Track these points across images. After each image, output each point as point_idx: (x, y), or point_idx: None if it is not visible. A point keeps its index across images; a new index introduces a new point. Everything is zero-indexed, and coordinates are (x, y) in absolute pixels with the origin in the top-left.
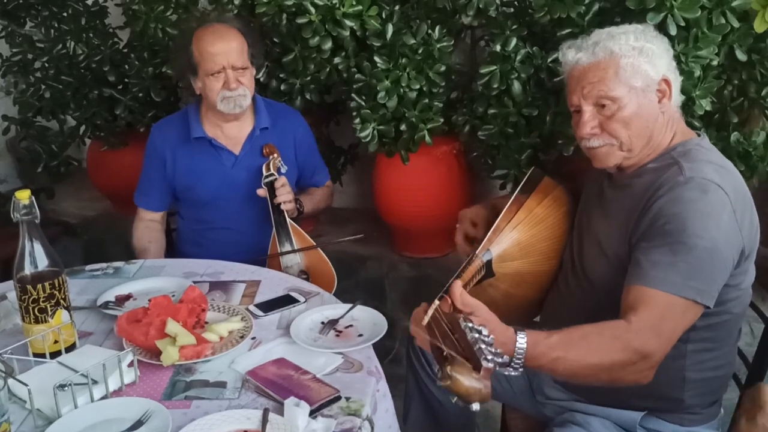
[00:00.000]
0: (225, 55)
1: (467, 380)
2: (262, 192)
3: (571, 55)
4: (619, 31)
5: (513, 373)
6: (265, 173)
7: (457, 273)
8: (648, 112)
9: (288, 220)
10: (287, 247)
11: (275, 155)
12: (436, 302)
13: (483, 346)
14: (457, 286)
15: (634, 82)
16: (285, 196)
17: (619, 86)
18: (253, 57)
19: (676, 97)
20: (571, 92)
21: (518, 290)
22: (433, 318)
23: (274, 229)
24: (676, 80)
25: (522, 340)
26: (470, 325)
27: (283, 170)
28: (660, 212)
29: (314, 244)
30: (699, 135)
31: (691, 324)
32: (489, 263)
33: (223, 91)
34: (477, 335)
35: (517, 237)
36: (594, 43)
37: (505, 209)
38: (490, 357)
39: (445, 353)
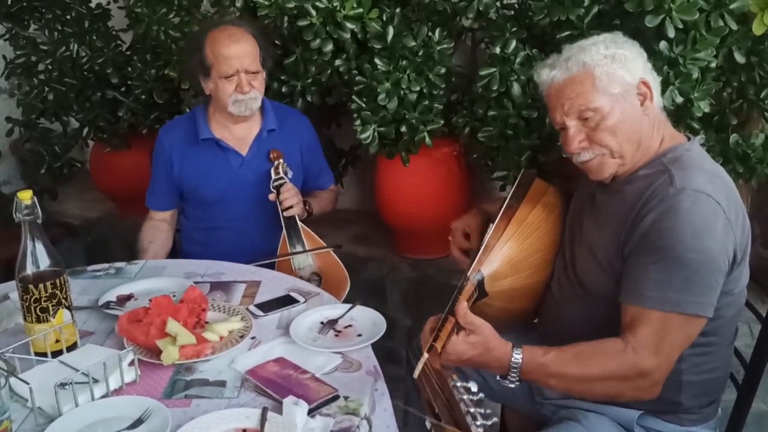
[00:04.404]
0: (239, 59)
1: None
2: (273, 196)
3: (546, 74)
4: (588, 42)
5: (510, 385)
6: (273, 176)
7: (449, 305)
8: (632, 117)
9: (299, 223)
10: (299, 250)
11: (282, 160)
12: (426, 355)
13: (472, 409)
14: (462, 306)
15: (612, 89)
16: (291, 200)
17: (599, 96)
18: (265, 61)
19: (658, 99)
20: (553, 110)
21: (513, 304)
22: (423, 372)
23: (284, 231)
24: (655, 81)
25: (517, 357)
26: (458, 384)
27: (289, 175)
28: (652, 227)
29: (324, 245)
30: (689, 139)
31: (695, 336)
32: (481, 284)
33: (235, 95)
34: (466, 396)
35: (509, 254)
36: (566, 58)
37: (494, 226)
38: (479, 422)
39: (435, 411)
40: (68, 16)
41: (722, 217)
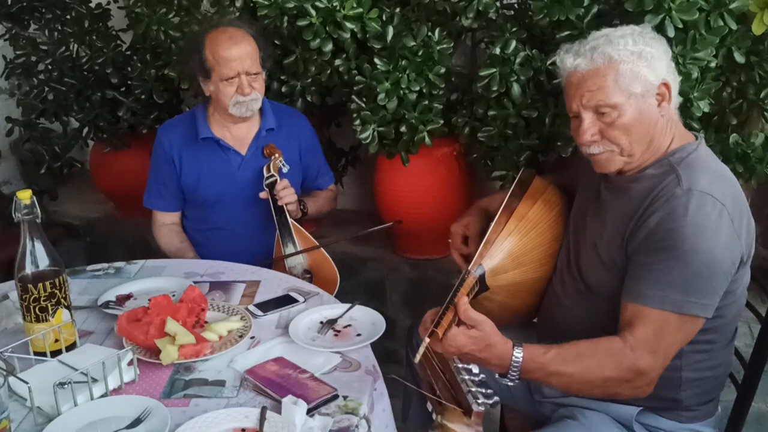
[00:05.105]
0: (240, 61)
1: (458, 427)
2: (264, 195)
3: (570, 61)
4: (617, 34)
5: (509, 383)
6: (266, 175)
7: (450, 296)
8: (648, 117)
9: (290, 221)
10: (290, 248)
11: (276, 155)
12: (427, 340)
13: (474, 388)
14: (463, 301)
15: (633, 88)
16: (288, 197)
17: (618, 93)
18: (264, 61)
19: (675, 100)
20: (570, 98)
21: (514, 300)
22: (425, 356)
23: (277, 230)
24: (675, 81)
25: (518, 355)
26: (460, 365)
27: (284, 170)
28: (657, 227)
29: (317, 243)
30: (696, 138)
31: (692, 337)
32: (482, 278)
33: (236, 96)
34: (467, 376)
35: (509, 248)
36: (592, 48)
37: (494, 221)
38: (480, 400)
39: (437, 394)
40: (68, 16)
41: (727, 219)
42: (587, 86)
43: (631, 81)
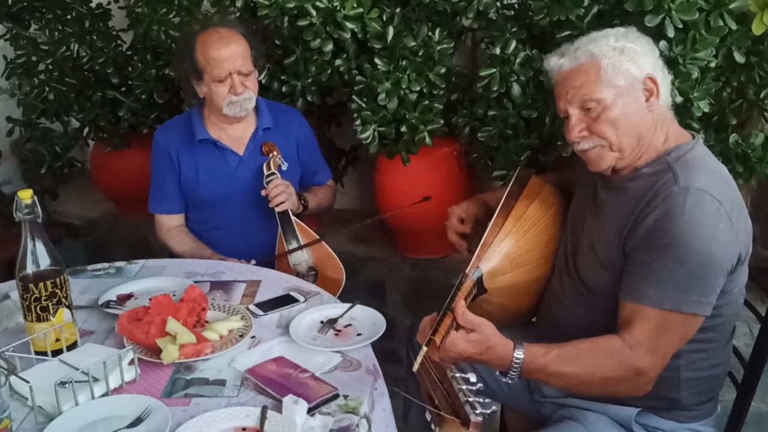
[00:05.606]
0: (231, 61)
1: None
2: (266, 192)
3: (554, 61)
4: (599, 34)
5: (509, 381)
6: (266, 172)
7: (447, 301)
8: (635, 111)
9: (293, 218)
10: (294, 245)
11: (275, 153)
12: (425, 349)
13: (472, 398)
14: (460, 305)
15: (616, 81)
16: (280, 197)
17: (602, 87)
18: (256, 60)
19: (666, 97)
20: (558, 98)
21: (512, 301)
22: (423, 365)
23: (279, 228)
24: (664, 79)
25: (519, 356)
26: (457, 375)
27: (284, 167)
28: (655, 225)
29: (321, 239)
30: (694, 137)
31: (691, 335)
32: (480, 280)
33: (229, 96)
34: (465, 386)
35: (507, 250)
36: (575, 48)
37: (491, 222)
38: (479, 410)
39: (435, 403)
40: (69, 16)
41: (724, 217)
42: (571, 83)
43: (614, 75)
